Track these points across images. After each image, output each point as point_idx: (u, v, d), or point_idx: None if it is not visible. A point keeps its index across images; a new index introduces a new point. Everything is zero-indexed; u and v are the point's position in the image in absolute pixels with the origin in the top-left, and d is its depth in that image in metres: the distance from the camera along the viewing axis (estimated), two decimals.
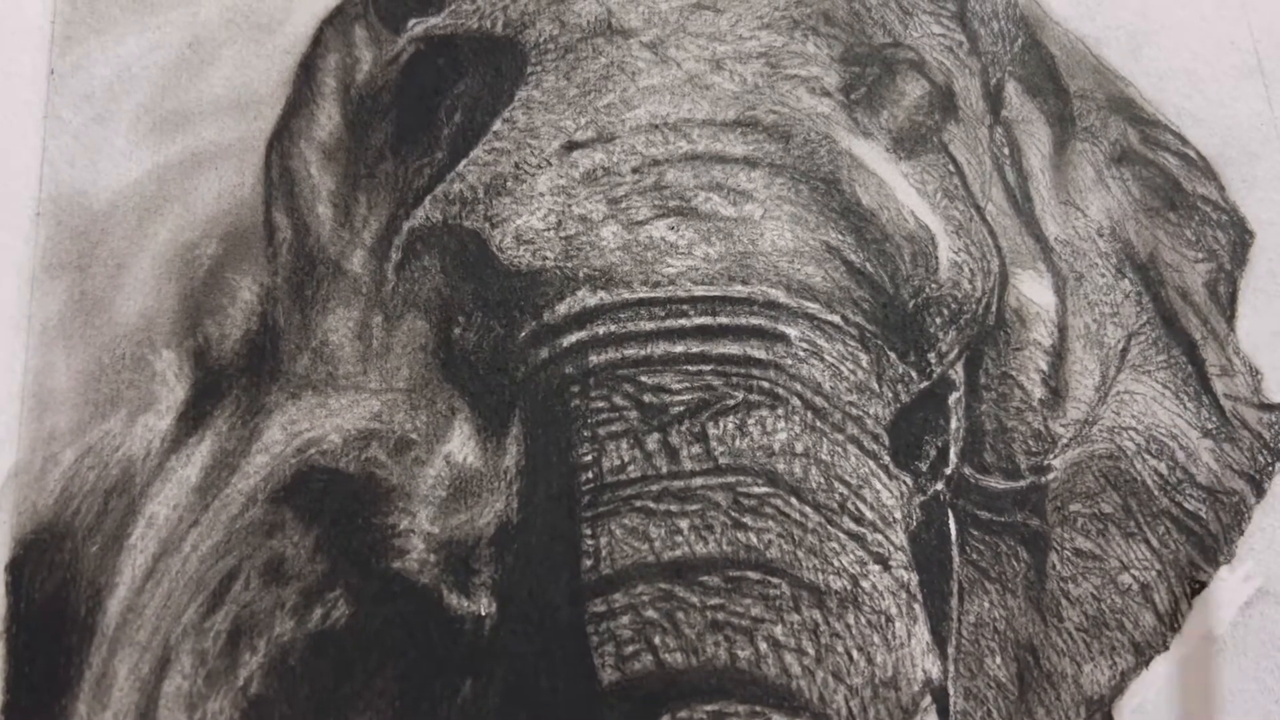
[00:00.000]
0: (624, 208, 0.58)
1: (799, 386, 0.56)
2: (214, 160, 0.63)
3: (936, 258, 0.59)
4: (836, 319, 0.57)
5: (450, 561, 0.55)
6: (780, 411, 0.55)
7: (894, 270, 0.59)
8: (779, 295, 0.57)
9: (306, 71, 0.64)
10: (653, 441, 0.54)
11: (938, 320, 0.59)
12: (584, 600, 0.53)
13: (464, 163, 0.60)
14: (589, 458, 0.55)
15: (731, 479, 0.54)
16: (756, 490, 0.54)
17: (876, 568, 0.54)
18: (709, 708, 0.51)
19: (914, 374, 0.58)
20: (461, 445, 0.57)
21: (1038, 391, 0.61)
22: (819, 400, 0.56)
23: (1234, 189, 0.68)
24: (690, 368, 0.55)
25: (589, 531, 0.54)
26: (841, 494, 0.55)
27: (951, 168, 0.62)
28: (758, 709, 0.51)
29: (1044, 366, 0.62)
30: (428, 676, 0.54)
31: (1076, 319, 0.63)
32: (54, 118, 0.63)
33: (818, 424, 0.55)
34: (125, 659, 0.54)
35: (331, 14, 0.66)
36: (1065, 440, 0.61)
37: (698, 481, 0.54)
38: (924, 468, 0.58)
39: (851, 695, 0.52)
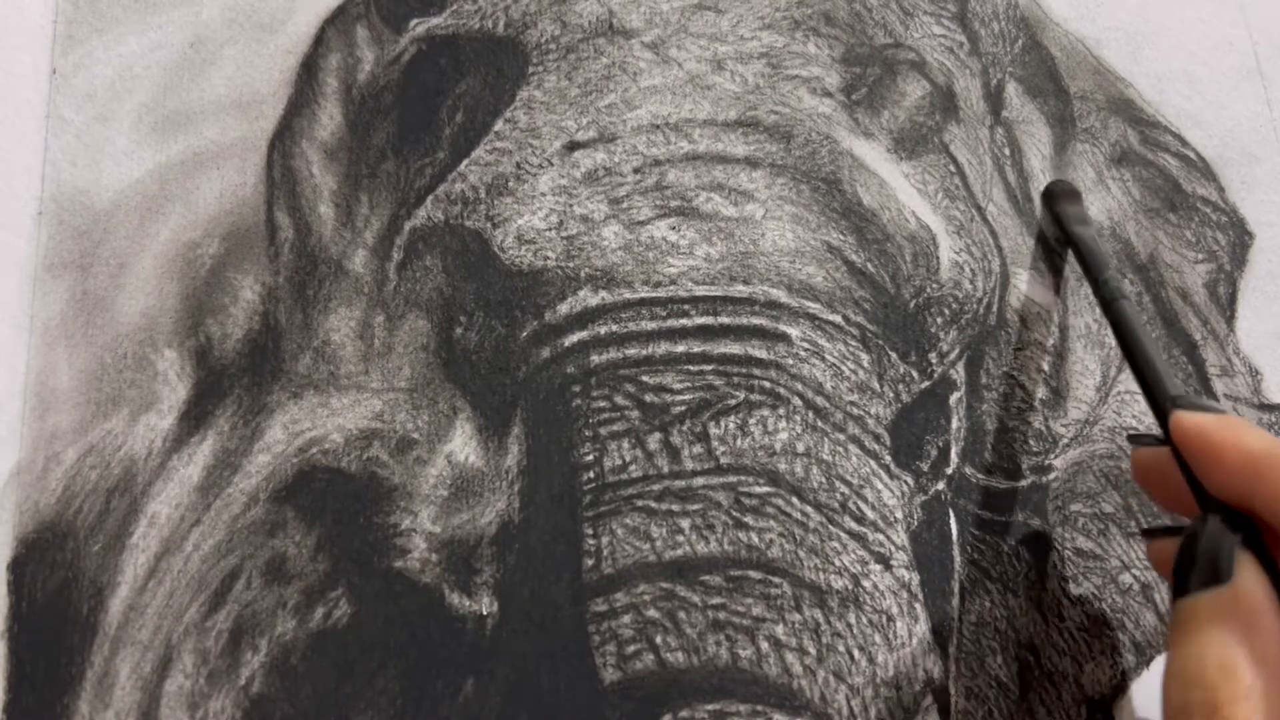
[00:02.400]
0: (625, 208, 0.59)
1: (800, 386, 0.56)
2: (216, 160, 0.63)
3: (938, 258, 0.60)
4: (838, 319, 0.58)
5: (452, 561, 0.55)
6: (782, 411, 0.55)
7: (895, 270, 0.59)
8: (780, 295, 0.57)
9: (308, 71, 0.64)
10: (654, 441, 0.55)
11: (939, 320, 0.59)
12: (585, 599, 0.53)
13: (466, 162, 0.60)
14: (590, 457, 0.55)
15: (733, 478, 0.54)
16: (758, 490, 0.54)
17: (878, 567, 0.54)
18: (710, 707, 0.51)
19: (915, 374, 0.58)
20: (463, 445, 0.57)
21: (1039, 391, 0.61)
22: (820, 400, 0.56)
23: (1233, 191, 0.68)
24: (692, 367, 0.56)
25: (590, 531, 0.54)
26: (843, 493, 0.55)
27: (952, 168, 0.63)
28: (759, 708, 0.51)
29: (1045, 366, 0.62)
30: (429, 676, 0.54)
31: (1077, 319, 0.63)
32: (56, 117, 0.63)
33: (819, 424, 0.56)
34: (127, 658, 0.54)
35: (333, 14, 0.66)
36: (1066, 440, 0.61)
37: (699, 481, 0.54)
38: (925, 467, 0.58)
39: (853, 694, 0.52)
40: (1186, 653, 0.41)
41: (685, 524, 0.53)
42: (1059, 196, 0.64)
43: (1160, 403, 0.49)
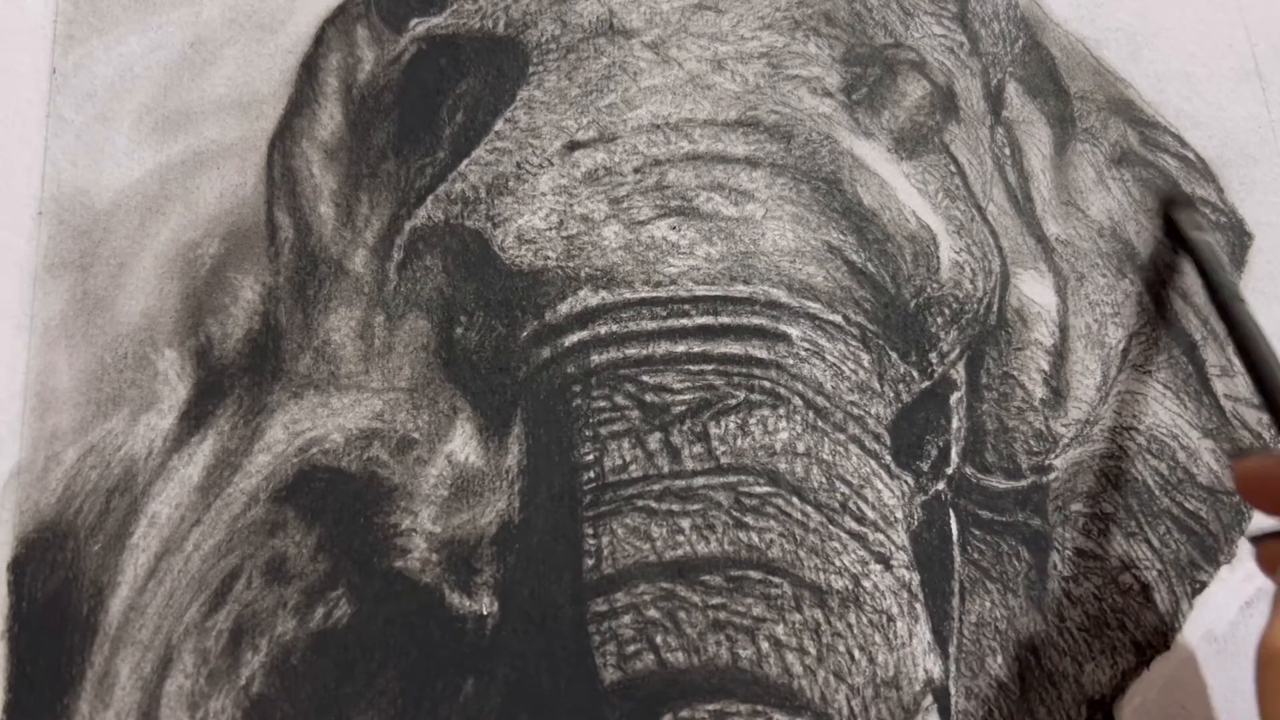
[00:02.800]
0: (626, 207, 0.59)
1: (801, 386, 0.56)
2: (216, 159, 0.63)
3: (938, 257, 0.60)
4: (838, 319, 0.58)
5: (452, 561, 0.55)
6: (782, 411, 0.55)
7: (895, 270, 0.59)
8: (780, 295, 0.57)
9: (308, 71, 0.64)
10: (654, 441, 0.55)
11: (939, 320, 0.59)
12: (586, 599, 0.53)
13: (466, 162, 0.60)
14: (591, 457, 0.55)
15: (733, 478, 0.54)
16: (758, 490, 0.54)
17: (878, 567, 0.54)
18: (711, 707, 0.51)
19: (915, 374, 0.58)
20: (463, 444, 0.57)
21: (1039, 391, 0.61)
22: (820, 400, 0.56)
23: (1232, 191, 0.68)
24: (692, 367, 0.56)
25: (591, 531, 0.54)
26: (843, 493, 0.55)
27: (953, 168, 0.63)
28: (759, 708, 0.51)
29: (1045, 366, 0.62)
30: (429, 676, 0.54)
31: (1078, 319, 0.63)
32: (56, 117, 0.63)
33: (819, 423, 0.56)
34: (127, 658, 0.54)
35: (334, 13, 0.66)
36: (1066, 440, 0.61)
37: (699, 481, 0.54)
38: (925, 467, 0.58)
39: (853, 694, 0.52)
40: None
41: (685, 524, 0.53)
42: (1176, 204, 0.66)
43: (1276, 402, 0.50)
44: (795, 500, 0.54)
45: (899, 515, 0.56)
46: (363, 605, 0.55)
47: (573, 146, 0.60)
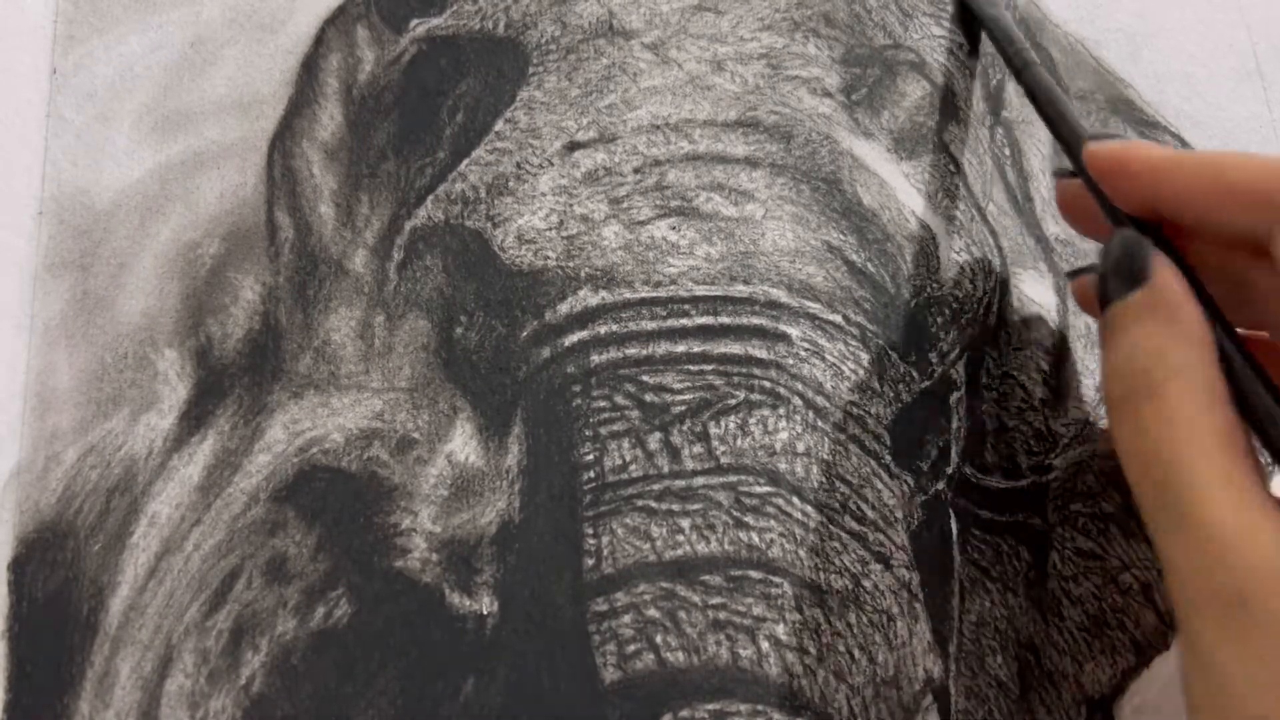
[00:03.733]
0: (625, 208, 0.59)
1: (800, 386, 0.56)
2: (216, 160, 0.63)
3: (938, 257, 0.60)
4: (838, 319, 0.58)
5: (452, 560, 0.55)
6: (782, 411, 0.55)
7: (895, 270, 0.59)
8: (780, 295, 0.58)
9: (309, 71, 0.65)
10: (654, 441, 0.55)
11: (939, 320, 0.59)
12: (586, 599, 0.53)
13: (466, 162, 0.60)
14: (591, 457, 0.55)
15: (733, 478, 0.54)
16: (758, 490, 0.54)
17: (878, 567, 0.54)
18: (710, 707, 0.51)
19: (915, 373, 0.58)
20: (463, 444, 0.57)
21: (1039, 391, 0.61)
22: (820, 400, 0.56)
23: None
24: (692, 367, 0.56)
25: (591, 530, 0.54)
26: (843, 493, 0.55)
27: (952, 168, 0.63)
28: (759, 708, 0.51)
29: (1045, 366, 0.62)
30: (430, 675, 0.54)
31: (1077, 319, 0.63)
32: (56, 117, 0.63)
33: (819, 423, 0.56)
34: (127, 657, 0.54)
35: (334, 14, 0.66)
36: (1066, 440, 0.61)
37: (699, 481, 0.54)
38: (925, 467, 0.58)
39: (853, 694, 0.52)
40: (1121, 347, 0.45)
41: (685, 524, 0.53)
42: None
43: (1074, 143, 0.52)
44: (795, 500, 0.54)
45: (899, 515, 0.56)
46: (363, 605, 0.55)
47: (573, 147, 0.60)
